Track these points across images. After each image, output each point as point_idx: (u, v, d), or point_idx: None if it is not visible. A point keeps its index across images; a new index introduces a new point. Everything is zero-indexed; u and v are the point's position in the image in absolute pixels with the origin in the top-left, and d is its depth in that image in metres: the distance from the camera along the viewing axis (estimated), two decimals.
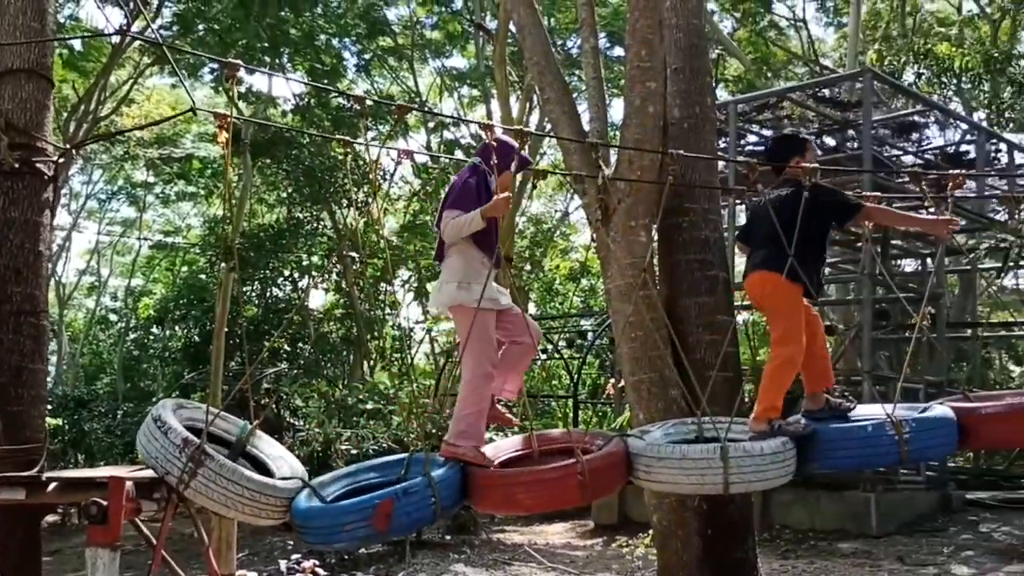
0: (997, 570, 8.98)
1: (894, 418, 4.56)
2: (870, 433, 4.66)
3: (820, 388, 5.17)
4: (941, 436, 4.63)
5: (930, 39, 18.47)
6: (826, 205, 5.07)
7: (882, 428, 4.59)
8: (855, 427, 4.83)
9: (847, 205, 5.10)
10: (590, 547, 11.54)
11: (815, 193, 5.05)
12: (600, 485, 4.60)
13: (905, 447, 4.52)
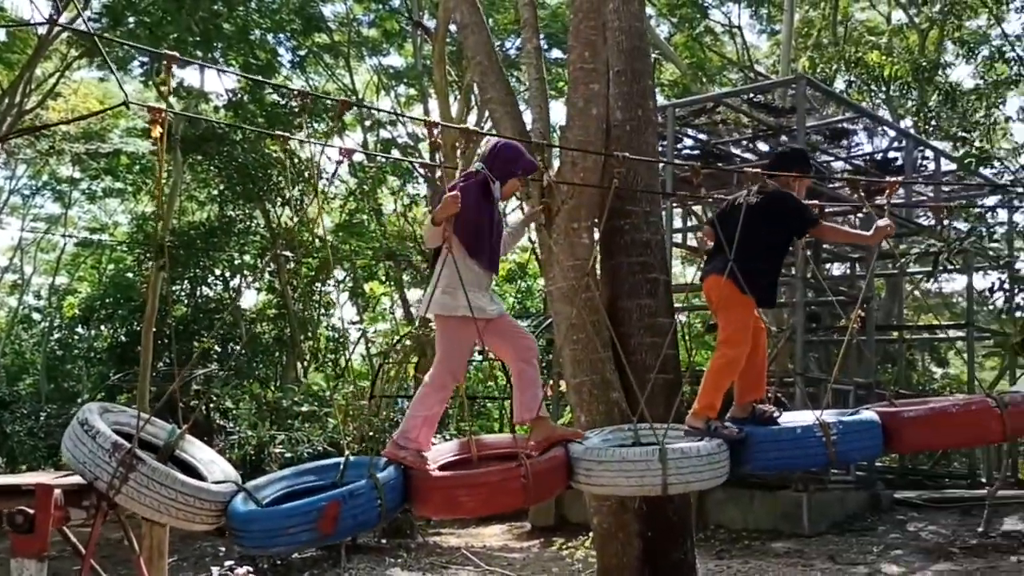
0: (925, 569, 9.18)
1: (822, 420, 4.64)
2: (799, 435, 4.74)
3: (749, 398, 5.19)
4: (867, 439, 4.74)
5: (861, 47, 18.90)
6: (787, 216, 5.07)
7: (811, 430, 4.67)
8: (785, 429, 4.92)
9: (805, 219, 5.12)
10: (527, 549, 11.52)
11: (781, 203, 5.07)
12: (542, 488, 4.56)
13: (833, 448, 4.60)
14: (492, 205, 4.70)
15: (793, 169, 5.24)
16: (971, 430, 4.77)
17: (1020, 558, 9.29)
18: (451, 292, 4.50)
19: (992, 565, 9.12)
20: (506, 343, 4.79)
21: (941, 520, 11.18)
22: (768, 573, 9.19)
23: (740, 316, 4.99)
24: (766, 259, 5.05)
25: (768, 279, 5.11)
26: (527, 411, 4.72)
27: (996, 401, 4.65)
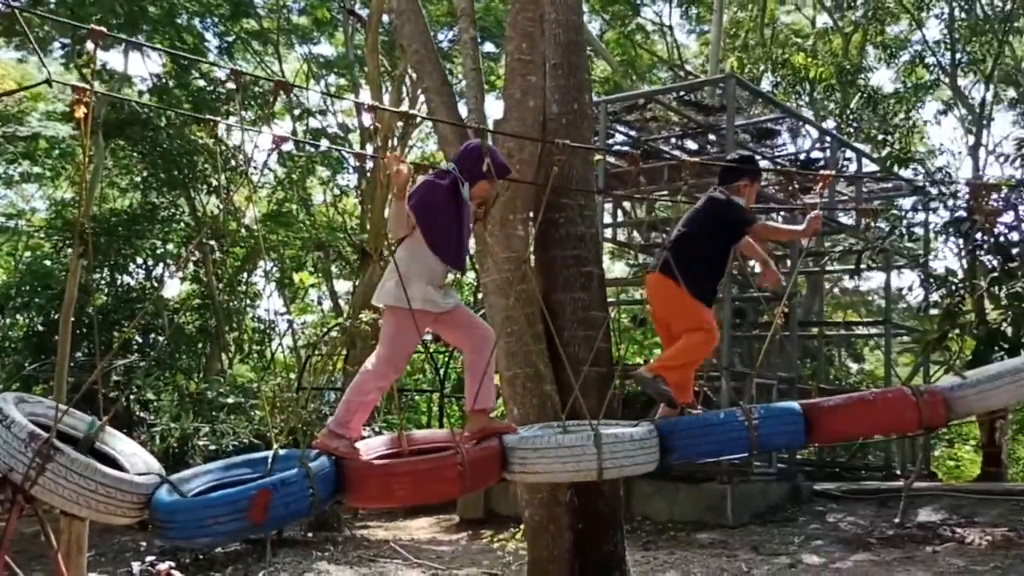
0: (844, 559, 9.41)
1: (744, 407, 4.72)
2: (722, 420, 4.83)
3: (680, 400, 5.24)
4: (788, 426, 4.80)
5: (787, 49, 19.28)
6: (726, 222, 5.16)
7: (733, 416, 4.76)
8: (708, 415, 5.02)
9: (740, 221, 5.20)
10: (455, 542, 11.49)
11: (720, 207, 5.17)
12: (477, 477, 4.53)
13: (755, 433, 4.66)
14: (461, 205, 4.65)
15: (743, 175, 5.31)
16: (889, 419, 4.86)
17: (935, 548, 9.59)
18: (404, 283, 4.44)
19: (908, 555, 9.40)
20: (461, 334, 4.76)
21: (859, 511, 11.48)
22: (693, 564, 9.33)
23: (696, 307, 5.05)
24: (709, 262, 5.13)
25: (711, 283, 5.17)
26: (483, 402, 4.66)
27: (913, 391, 4.75)
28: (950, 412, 4.90)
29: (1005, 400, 5.01)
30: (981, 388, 4.87)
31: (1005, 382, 4.83)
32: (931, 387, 4.95)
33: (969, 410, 5.00)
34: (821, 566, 9.17)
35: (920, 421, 4.74)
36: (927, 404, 4.70)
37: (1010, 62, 18.36)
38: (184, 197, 20.76)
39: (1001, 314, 9.77)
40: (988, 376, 4.90)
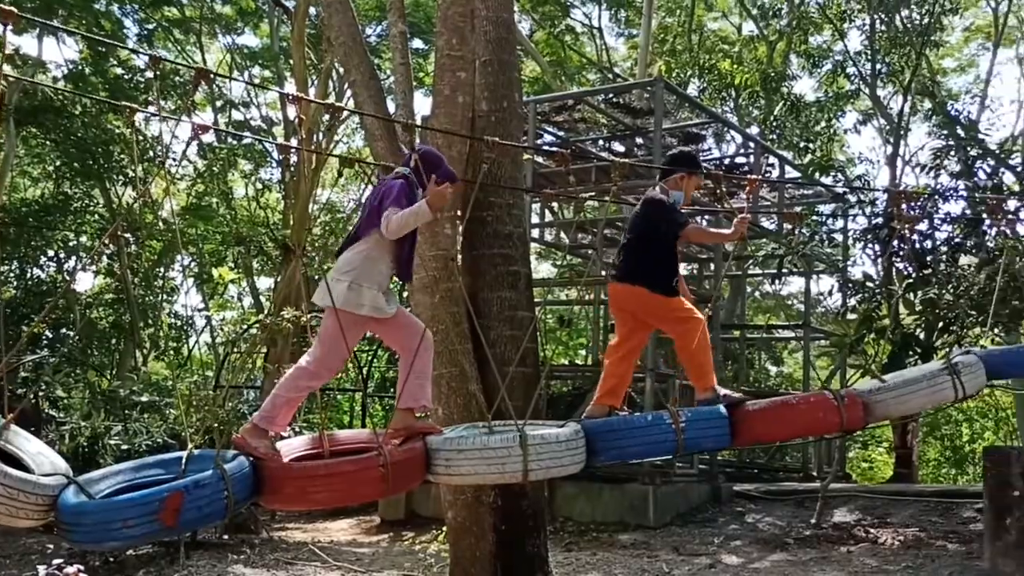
0: (763, 559, 9.54)
1: (672, 409, 4.71)
2: (650, 422, 4.80)
3: (607, 402, 5.23)
4: (714, 428, 4.82)
5: (714, 55, 19.54)
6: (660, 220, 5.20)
7: (661, 418, 4.74)
8: (636, 417, 5.00)
9: (674, 223, 5.23)
10: (376, 544, 11.33)
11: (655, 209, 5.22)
12: (401, 479, 4.42)
13: (682, 436, 4.66)
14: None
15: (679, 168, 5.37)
16: (811, 422, 4.92)
17: (849, 548, 9.79)
18: (356, 289, 4.36)
19: (824, 555, 9.58)
20: (399, 334, 4.66)
21: (777, 512, 11.67)
22: (615, 565, 9.34)
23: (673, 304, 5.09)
24: (657, 261, 5.16)
25: (669, 277, 5.19)
26: (410, 399, 4.56)
27: (834, 395, 4.81)
28: (869, 415, 5.00)
29: (921, 405, 5.11)
30: (899, 393, 4.98)
31: (922, 387, 4.94)
32: (851, 391, 5.01)
33: (887, 414, 5.08)
34: (740, 566, 9.28)
35: (840, 424, 4.82)
36: (847, 408, 4.78)
37: (927, 74, 18.93)
38: (99, 188, 20.13)
39: (916, 319, 10.01)
40: (905, 381, 5.00)
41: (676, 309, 5.13)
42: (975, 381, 5.02)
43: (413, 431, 4.51)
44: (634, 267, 5.15)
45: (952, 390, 4.87)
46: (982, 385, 5.23)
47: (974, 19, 24.28)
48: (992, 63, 23.49)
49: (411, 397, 4.56)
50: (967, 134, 12.14)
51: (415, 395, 4.58)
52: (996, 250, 10.04)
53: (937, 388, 4.88)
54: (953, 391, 4.88)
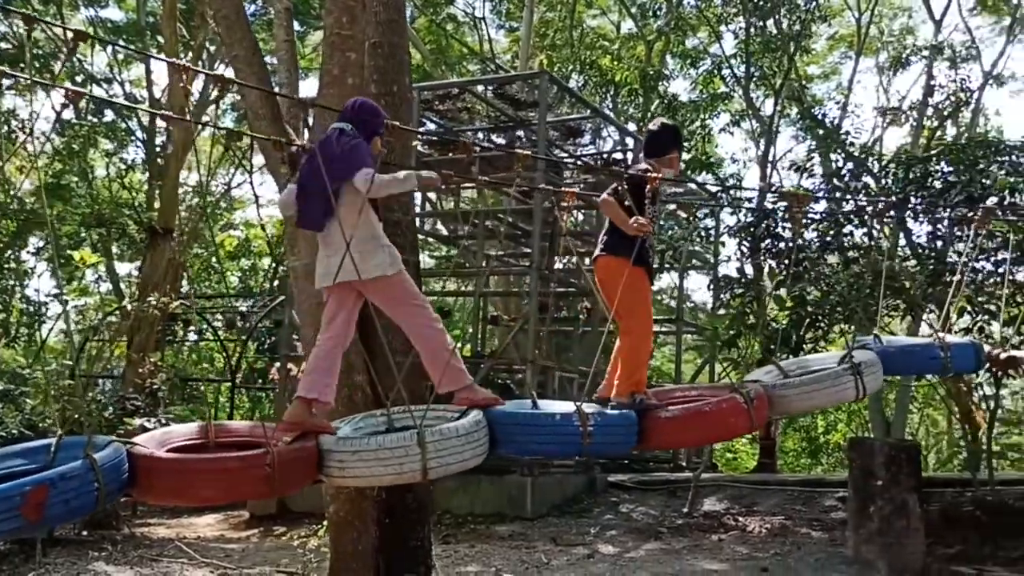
0: (638, 548, 9.70)
1: (582, 410, 4.60)
2: (558, 421, 4.66)
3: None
4: (622, 434, 4.70)
5: (595, 52, 19.75)
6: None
7: (570, 419, 4.60)
8: (544, 415, 4.82)
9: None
10: (246, 539, 10.98)
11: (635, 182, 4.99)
12: (289, 479, 4.22)
13: (588, 439, 4.55)
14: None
15: (668, 144, 5.18)
16: (722, 427, 4.86)
17: (720, 536, 10.07)
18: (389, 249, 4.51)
19: (696, 543, 9.82)
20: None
21: (650, 501, 11.90)
22: (494, 556, 9.32)
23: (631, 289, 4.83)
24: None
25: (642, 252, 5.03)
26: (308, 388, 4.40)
27: (743, 396, 4.74)
28: (772, 412, 5.03)
29: (824, 403, 5.18)
30: (803, 390, 4.96)
31: (826, 386, 4.95)
32: (755, 387, 4.95)
33: (788, 409, 5.12)
34: (617, 555, 9.40)
35: (751, 425, 4.81)
36: (756, 409, 4.71)
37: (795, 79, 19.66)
38: None
39: (786, 316, 10.36)
40: (811, 379, 4.98)
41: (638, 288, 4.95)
42: (875, 381, 5.10)
43: (306, 428, 4.32)
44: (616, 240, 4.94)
45: (854, 389, 4.91)
46: (880, 384, 5.35)
47: (838, 28, 25.39)
48: (854, 71, 24.61)
49: (310, 387, 4.39)
50: (831, 139, 12.64)
51: (313, 387, 4.41)
52: (860, 250, 10.50)
53: (841, 387, 4.90)
54: (855, 390, 4.92)
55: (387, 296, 4.59)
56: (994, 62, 24.98)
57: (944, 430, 28.81)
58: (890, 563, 8.19)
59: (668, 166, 5.12)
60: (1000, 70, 25.21)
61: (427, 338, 4.60)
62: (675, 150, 5.20)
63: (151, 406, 12.09)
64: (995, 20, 25.64)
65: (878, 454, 8.47)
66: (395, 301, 4.61)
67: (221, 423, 4.81)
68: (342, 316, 4.62)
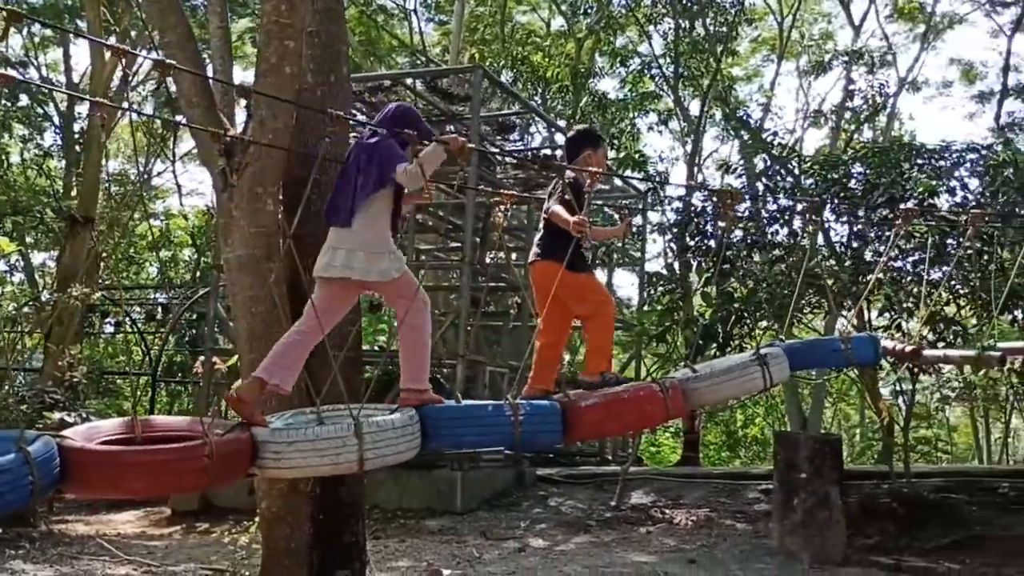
0: (568, 541, 9.79)
1: (512, 401, 4.67)
2: (489, 412, 4.70)
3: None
4: (550, 424, 4.79)
5: (526, 48, 19.81)
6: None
7: (501, 410, 4.66)
8: (476, 406, 4.89)
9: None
10: (168, 536, 10.73)
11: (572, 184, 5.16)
12: (225, 471, 4.14)
13: (519, 429, 4.63)
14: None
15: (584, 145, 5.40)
16: (641, 415, 4.98)
17: (648, 529, 10.22)
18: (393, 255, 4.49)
19: (625, 536, 9.95)
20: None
21: (578, 495, 12.01)
22: (424, 551, 9.30)
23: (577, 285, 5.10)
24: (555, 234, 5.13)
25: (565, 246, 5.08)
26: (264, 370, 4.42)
27: (660, 387, 4.87)
28: (687, 403, 5.16)
29: (733, 393, 5.32)
30: (714, 381, 5.13)
31: (735, 376, 5.11)
32: (672, 381, 5.09)
33: (701, 401, 5.26)
34: (547, 548, 9.48)
35: (667, 414, 4.93)
36: (671, 398, 4.86)
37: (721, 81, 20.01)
38: None
39: (714, 312, 10.55)
40: (720, 371, 5.16)
41: (586, 291, 5.20)
42: (781, 372, 5.28)
43: (245, 412, 4.26)
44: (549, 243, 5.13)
45: (761, 379, 5.06)
46: (787, 375, 5.53)
47: (761, 32, 25.97)
48: (776, 73, 25.19)
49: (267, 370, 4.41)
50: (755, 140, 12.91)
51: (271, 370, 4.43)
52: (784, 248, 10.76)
53: (748, 377, 5.06)
54: (762, 380, 5.08)
55: (387, 294, 4.76)
56: (909, 68, 25.88)
57: (857, 424, 29.77)
58: (812, 554, 8.42)
59: (586, 163, 5.28)
60: (915, 75, 26.12)
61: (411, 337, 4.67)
62: (588, 147, 5.39)
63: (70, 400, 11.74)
64: (910, 27, 26.55)
65: (802, 448, 8.70)
66: (392, 299, 4.73)
67: (146, 418, 4.71)
68: (331, 312, 4.72)
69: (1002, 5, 24.13)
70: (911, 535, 9.15)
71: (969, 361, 6.08)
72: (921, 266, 9.06)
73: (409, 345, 4.68)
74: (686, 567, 8.50)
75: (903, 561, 8.40)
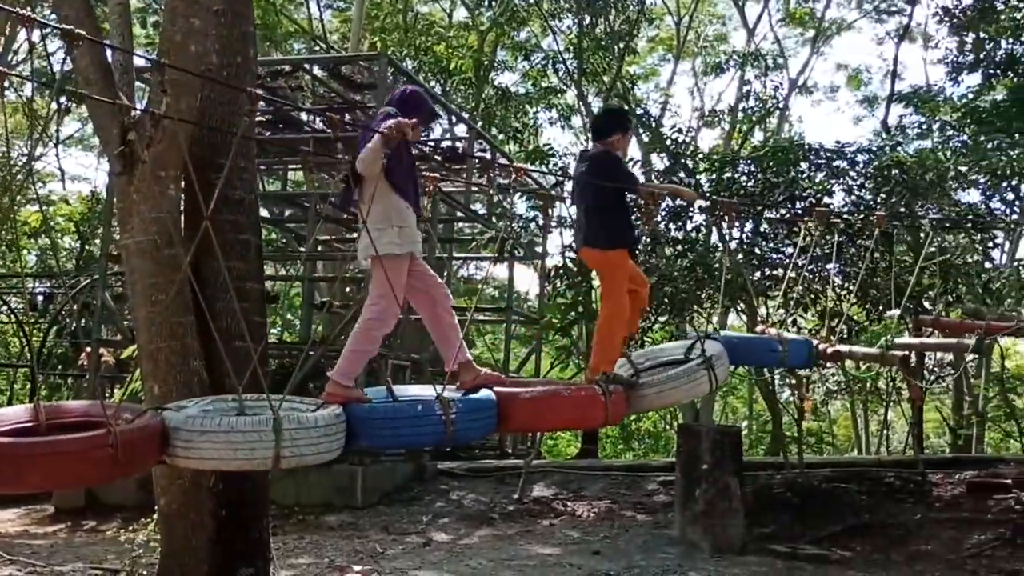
0: (471, 535, 9.75)
1: (443, 397, 4.54)
2: (420, 412, 4.55)
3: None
4: (484, 418, 4.67)
5: (429, 38, 19.63)
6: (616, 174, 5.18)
7: (432, 407, 4.53)
8: (406, 405, 4.72)
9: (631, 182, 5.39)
10: (53, 535, 10.26)
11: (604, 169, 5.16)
12: (133, 460, 3.93)
13: (451, 427, 4.50)
14: (410, 150, 4.72)
15: (616, 128, 5.38)
16: (578, 415, 4.93)
17: (551, 521, 10.27)
18: (382, 230, 4.45)
19: (528, 529, 9.97)
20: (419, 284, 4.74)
21: (479, 488, 11.95)
22: (326, 548, 9.11)
23: (612, 273, 5.16)
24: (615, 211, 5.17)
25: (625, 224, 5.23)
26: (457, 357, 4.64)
27: (602, 390, 4.80)
28: (629, 408, 5.14)
29: (681, 397, 5.34)
30: (661, 388, 5.10)
31: (683, 382, 5.11)
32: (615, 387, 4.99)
33: (647, 406, 5.27)
34: (451, 542, 9.41)
35: (606, 418, 4.88)
36: (612, 403, 4.78)
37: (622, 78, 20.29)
38: None
39: None
40: (667, 377, 5.11)
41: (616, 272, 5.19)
42: (724, 372, 5.32)
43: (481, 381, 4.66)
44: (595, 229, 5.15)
45: (708, 383, 5.13)
46: (728, 374, 5.57)
47: (658, 31, 26.42)
48: (673, 73, 25.69)
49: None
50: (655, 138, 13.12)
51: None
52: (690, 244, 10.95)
53: (696, 382, 5.10)
54: (709, 383, 5.14)
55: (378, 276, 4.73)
56: (800, 71, 26.77)
57: (744, 416, 30.69)
58: (713, 543, 8.61)
59: (613, 148, 5.32)
60: (805, 79, 27.04)
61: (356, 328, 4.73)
62: (619, 132, 5.39)
63: None
64: (801, 32, 27.46)
65: (705, 439, 8.88)
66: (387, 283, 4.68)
67: (53, 404, 4.44)
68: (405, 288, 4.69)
69: (888, 13, 25.20)
70: (805, 523, 9.44)
71: (873, 358, 6.29)
72: (818, 264, 9.35)
73: (351, 336, 4.73)
74: (590, 558, 8.56)
75: (799, 549, 8.65)
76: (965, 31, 15.44)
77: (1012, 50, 14.82)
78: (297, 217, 15.55)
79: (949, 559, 8.43)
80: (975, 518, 9.30)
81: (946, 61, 16.72)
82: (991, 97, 14.68)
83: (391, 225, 4.51)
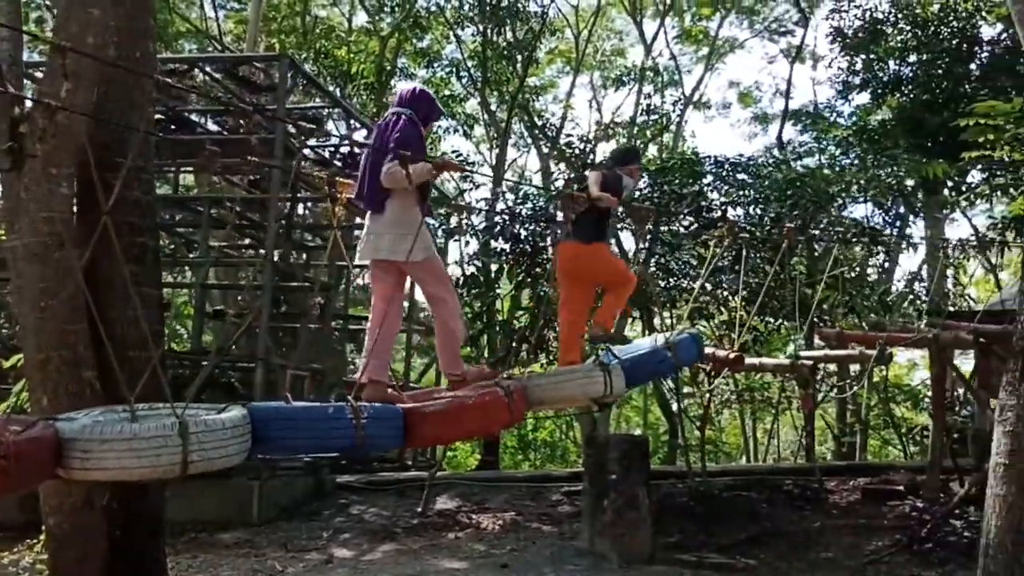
0: (374, 550, 9.48)
1: (354, 404, 4.39)
2: (330, 415, 4.38)
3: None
4: (392, 429, 4.55)
5: (330, 42, 19.25)
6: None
7: (342, 412, 4.36)
8: (316, 407, 4.54)
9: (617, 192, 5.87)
10: None
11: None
12: (24, 475, 3.60)
13: (362, 432, 4.36)
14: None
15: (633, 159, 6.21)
16: (485, 421, 4.83)
17: (456, 534, 10.09)
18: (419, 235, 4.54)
19: (433, 543, 9.77)
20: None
21: (380, 502, 11.68)
22: (222, 567, 8.73)
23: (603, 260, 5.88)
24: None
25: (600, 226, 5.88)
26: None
27: (504, 390, 4.77)
28: (529, 402, 5.09)
29: (575, 392, 5.29)
30: (556, 380, 5.18)
31: (578, 377, 5.17)
32: (514, 383, 5.01)
33: (543, 399, 5.22)
34: (354, 559, 9.14)
35: (511, 418, 4.82)
36: (515, 403, 4.78)
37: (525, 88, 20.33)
38: None
39: (523, 314, 10.61)
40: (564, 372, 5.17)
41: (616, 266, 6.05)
42: (620, 384, 5.35)
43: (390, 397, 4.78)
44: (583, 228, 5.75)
45: (603, 385, 5.15)
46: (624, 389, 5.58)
47: (557, 44, 26.65)
48: (572, 85, 25.93)
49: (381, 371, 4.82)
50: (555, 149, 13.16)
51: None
52: None
53: (591, 381, 5.14)
54: (604, 386, 5.16)
55: (417, 277, 4.95)
56: (694, 87, 27.39)
57: (639, 426, 31.13)
58: (621, 554, 8.58)
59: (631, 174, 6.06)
60: (699, 95, 27.70)
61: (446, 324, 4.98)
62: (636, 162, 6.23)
63: None
64: (695, 49, 28.12)
65: (612, 449, 8.86)
66: (423, 283, 4.93)
67: None
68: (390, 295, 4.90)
69: (778, 34, 26.05)
70: (709, 532, 9.53)
71: (785, 369, 6.39)
72: (723, 275, 9.48)
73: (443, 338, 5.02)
74: (498, 572, 8.43)
75: (705, 558, 8.70)
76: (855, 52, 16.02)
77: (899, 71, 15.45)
78: (188, 221, 15.00)
79: (849, 566, 8.61)
80: (872, 524, 9.55)
81: (837, 80, 17.32)
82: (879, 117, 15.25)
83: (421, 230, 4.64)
